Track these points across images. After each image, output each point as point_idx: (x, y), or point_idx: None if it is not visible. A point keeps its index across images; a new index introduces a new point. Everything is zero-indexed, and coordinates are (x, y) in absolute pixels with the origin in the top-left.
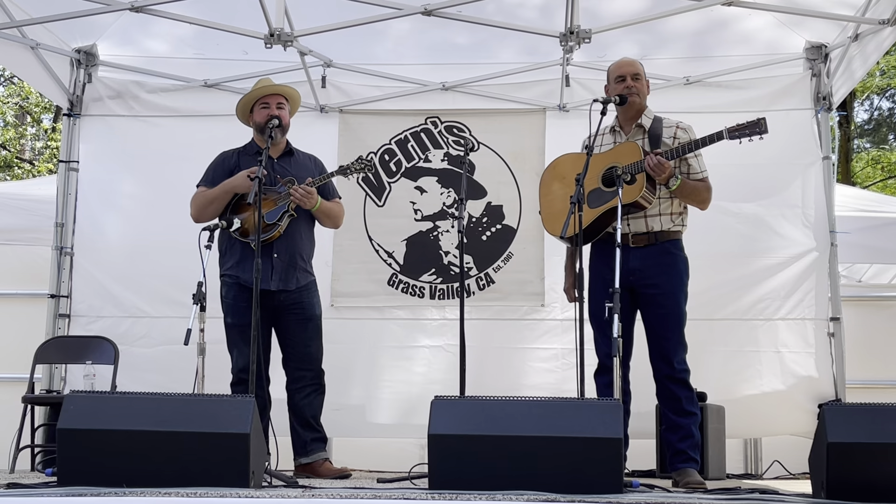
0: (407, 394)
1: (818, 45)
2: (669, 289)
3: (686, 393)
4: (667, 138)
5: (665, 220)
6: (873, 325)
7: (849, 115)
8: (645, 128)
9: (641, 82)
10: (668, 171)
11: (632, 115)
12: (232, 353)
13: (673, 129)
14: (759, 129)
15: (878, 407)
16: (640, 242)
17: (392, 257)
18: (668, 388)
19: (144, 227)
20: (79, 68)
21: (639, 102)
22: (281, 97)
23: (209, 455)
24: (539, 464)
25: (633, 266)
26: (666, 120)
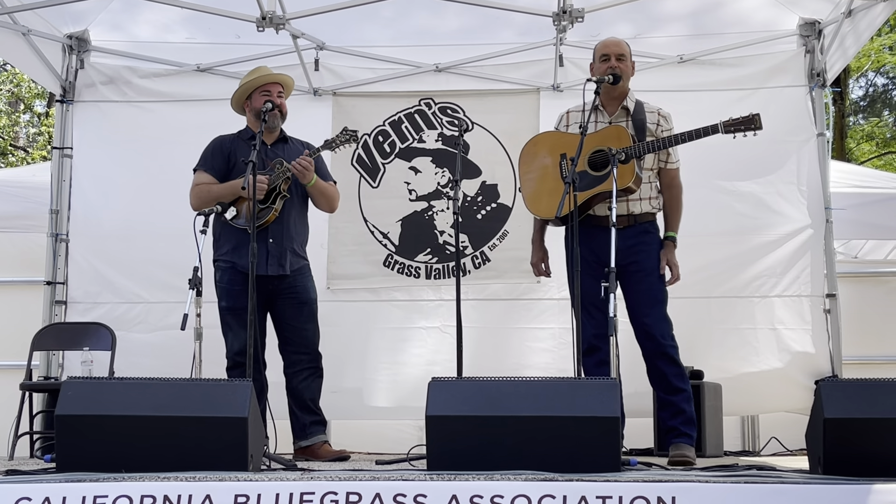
0: (404, 375)
1: (812, 22)
2: (650, 266)
3: (674, 369)
4: (651, 124)
5: (644, 204)
6: (869, 300)
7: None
8: (629, 110)
9: (626, 63)
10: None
11: (615, 95)
12: (227, 338)
13: (655, 114)
14: (753, 125)
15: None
16: (622, 224)
17: (387, 238)
18: (655, 366)
19: (139, 213)
20: (71, 54)
21: (622, 83)
22: (280, 86)
23: (208, 439)
24: (537, 444)
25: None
26: (647, 105)
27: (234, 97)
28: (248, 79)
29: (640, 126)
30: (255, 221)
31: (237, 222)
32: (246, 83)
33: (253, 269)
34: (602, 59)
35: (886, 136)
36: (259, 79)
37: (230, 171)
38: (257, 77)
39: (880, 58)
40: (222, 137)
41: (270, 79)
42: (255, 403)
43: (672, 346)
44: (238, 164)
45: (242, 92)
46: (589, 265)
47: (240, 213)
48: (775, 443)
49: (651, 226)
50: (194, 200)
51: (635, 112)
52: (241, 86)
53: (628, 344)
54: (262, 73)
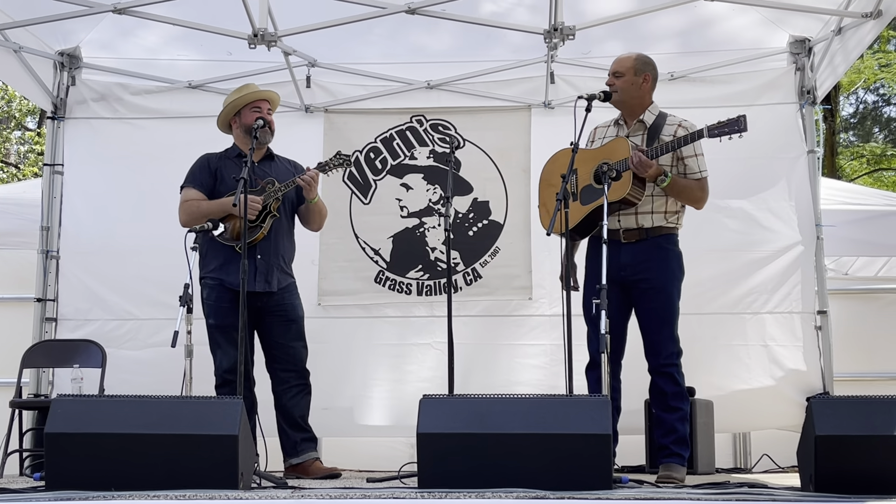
0: (396, 392)
1: (802, 40)
2: (660, 283)
3: (673, 388)
4: (665, 136)
5: (657, 218)
6: (861, 317)
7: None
8: (646, 124)
9: (623, 79)
10: (651, 169)
11: (629, 110)
12: (215, 355)
13: (674, 127)
14: (738, 126)
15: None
16: (632, 238)
17: (378, 255)
18: (655, 383)
19: (130, 230)
20: (62, 71)
21: (617, 99)
22: (268, 102)
23: (198, 457)
24: (528, 461)
25: (624, 261)
26: (670, 117)
27: (220, 114)
28: (237, 95)
29: (654, 138)
30: (245, 238)
31: (224, 238)
32: (235, 99)
33: (244, 287)
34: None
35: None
36: (249, 95)
37: (216, 188)
38: (248, 94)
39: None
40: (209, 155)
41: (261, 95)
42: (246, 421)
43: (675, 364)
44: (225, 181)
45: (231, 108)
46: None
47: (227, 229)
48: (767, 460)
49: (665, 240)
50: (184, 216)
51: (653, 125)
52: (230, 102)
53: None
54: (251, 90)
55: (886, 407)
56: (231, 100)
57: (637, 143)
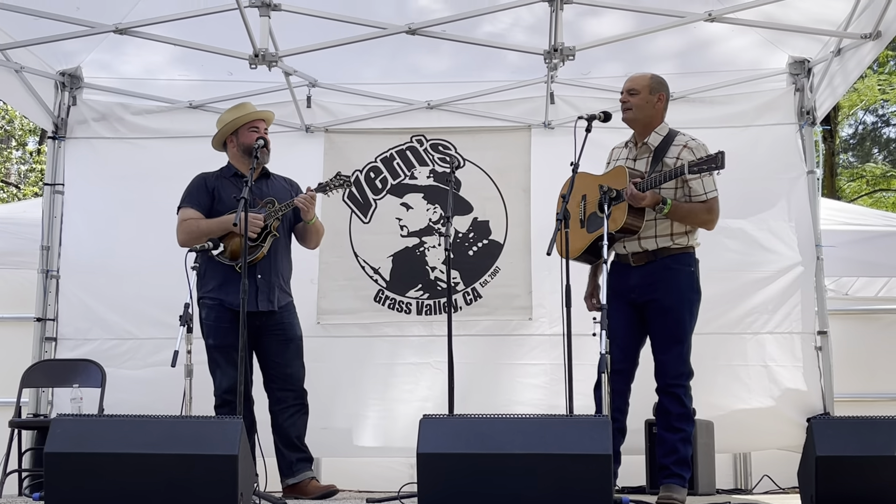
0: (395, 412)
1: (801, 60)
2: (668, 303)
3: (677, 409)
4: (669, 157)
5: (662, 241)
6: (861, 338)
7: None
8: (651, 147)
9: (638, 96)
10: (645, 200)
11: (641, 128)
12: (214, 375)
13: (679, 148)
14: (716, 163)
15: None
16: (640, 261)
17: (378, 273)
18: (660, 402)
19: (130, 249)
20: (63, 91)
21: (631, 117)
22: (263, 121)
23: (198, 477)
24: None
25: (633, 283)
26: (679, 136)
27: (217, 133)
28: (235, 115)
29: (657, 161)
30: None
31: (223, 258)
32: (233, 119)
33: (244, 307)
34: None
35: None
36: (248, 115)
37: (214, 207)
38: (247, 113)
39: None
40: (205, 174)
41: (259, 115)
42: (246, 441)
43: (682, 385)
44: (223, 200)
45: (229, 128)
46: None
47: (226, 248)
48: (767, 481)
49: (674, 261)
50: (182, 236)
51: (658, 147)
52: (227, 122)
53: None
54: (248, 110)
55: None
56: (228, 119)
57: (641, 168)
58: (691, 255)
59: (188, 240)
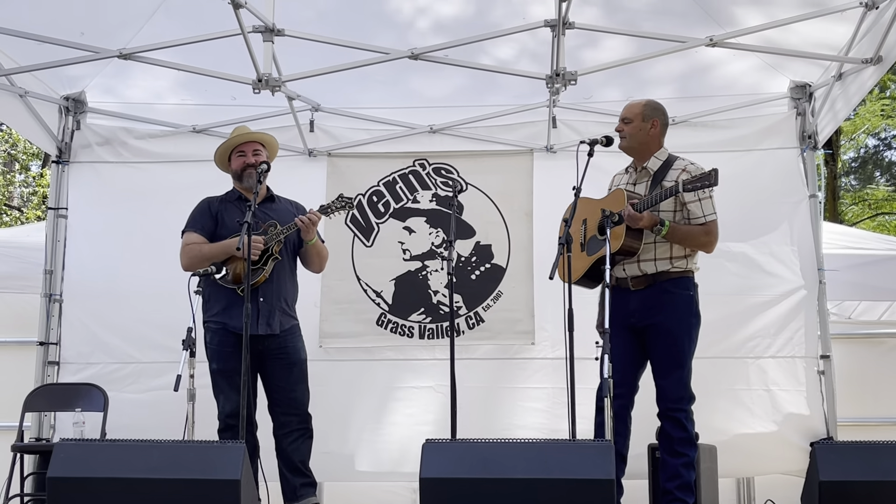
0: (397, 436)
1: (802, 85)
2: (667, 327)
3: (679, 433)
4: (668, 181)
5: (662, 264)
6: (864, 362)
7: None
8: (650, 171)
9: (631, 125)
10: (643, 221)
11: (637, 155)
12: (218, 400)
13: (678, 172)
14: (709, 181)
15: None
16: (640, 285)
17: (381, 297)
18: (662, 427)
19: (134, 273)
20: (67, 115)
21: (625, 145)
22: (257, 144)
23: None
24: None
25: (633, 307)
26: (678, 161)
27: (216, 160)
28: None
29: (656, 185)
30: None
31: (225, 281)
32: (222, 147)
33: (247, 330)
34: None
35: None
36: (233, 140)
37: (217, 231)
38: (231, 138)
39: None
40: (209, 199)
41: (243, 139)
42: (248, 465)
43: (683, 410)
44: (226, 224)
45: (221, 154)
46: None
47: (229, 272)
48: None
49: (673, 285)
50: (185, 260)
51: (657, 172)
52: (219, 149)
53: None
54: (238, 133)
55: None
56: (221, 147)
57: (640, 192)
58: (690, 279)
59: (191, 264)
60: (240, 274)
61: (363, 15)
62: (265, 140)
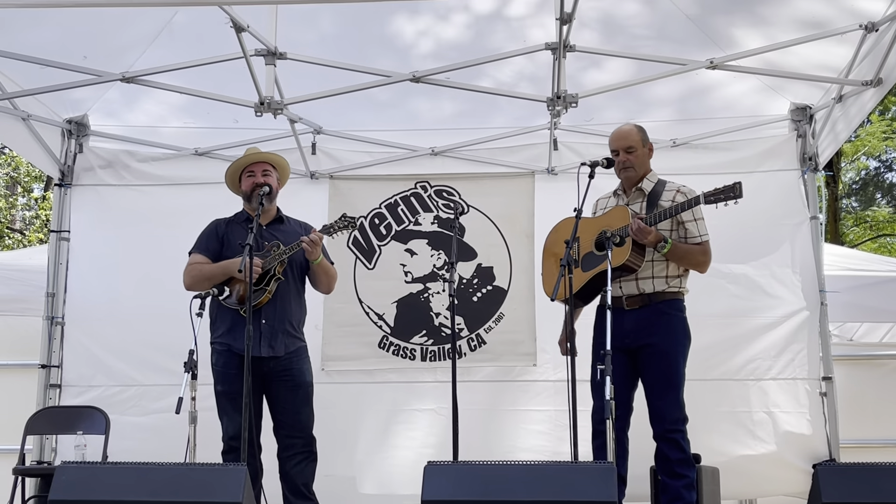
0: (399, 458)
1: (803, 107)
2: (663, 348)
3: (678, 455)
4: (664, 201)
5: (658, 283)
6: (866, 383)
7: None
8: (645, 192)
9: (636, 153)
10: (650, 235)
11: (633, 181)
12: (222, 421)
13: (673, 193)
14: (734, 193)
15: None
16: (634, 304)
17: (382, 319)
18: (660, 449)
19: (135, 296)
20: (70, 139)
21: (634, 175)
22: (267, 165)
23: None
24: None
25: (628, 328)
26: (669, 183)
27: (226, 181)
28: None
29: (653, 205)
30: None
31: (229, 302)
32: (232, 167)
33: (248, 352)
34: (613, 154)
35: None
36: (243, 160)
37: (223, 253)
38: (241, 158)
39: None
40: (218, 220)
41: (252, 159)
42: (250, 489)
43: (680, 431)
44: (232, 245)
45: (231, 175)
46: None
47: (232, 293)
48: None
49: (668, 306)
50: (187, 279)
51: (652, 192)
52: (229, 170)
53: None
54: (248, 154)
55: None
56: (231, 168)
57: (636, 211)
58: (682, 301)
59: (192, 284)
60: (243, 295)
61: (365, 38)
62: (276, 161)
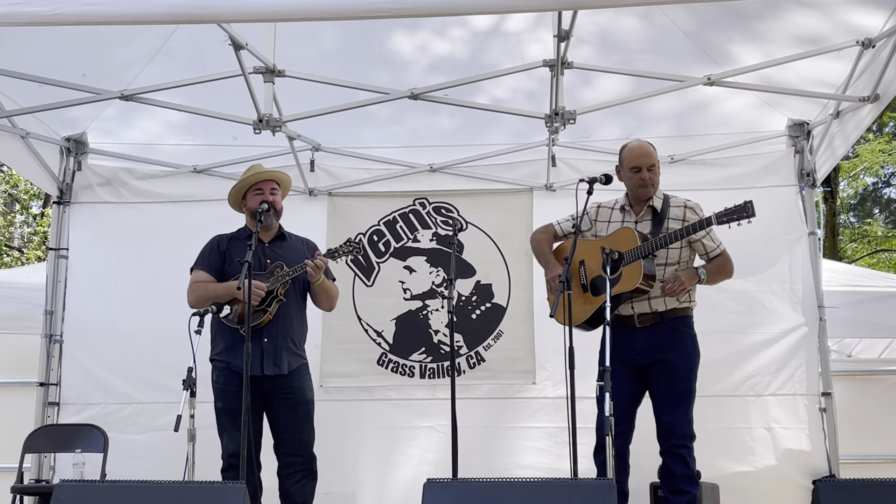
0: (398, 475)
1: (800, 123)
2: (676, 364)
3: (683, 470)
4: (673, 218)
5: (670, 301)
6: (865, 399)
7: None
8: (656, 209)
9: (655, 172)
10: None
11: (645, 198)
12: (222, 439)
13: (681, 209)
14: (746, 212)
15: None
16: (646, 322)
17: (381, 336)
18: (665, 464)
19: (134, 313)
20: (68, 156)
21: (652, 192)
22: (274, 182)
23: None
24: None
25: (640, 345)
26: (674, 199)
27: (230, 198)
28: (243, 178)
29: (660, 223)
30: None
31: (229, 320)
32: (239, 184)
33: (247, 370)
34: (633, 170)
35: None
36: (251, 177)
37: (224, 269)
38: (249, 176)
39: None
40: (220, 236)
41: (262, 177)
42: None
43: (686, 447)
44: (233, 262)
45: (237, 192)
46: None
47: (233, 311)
48: None
49: (680, 322)
50: (191, 297)
51: (661, 209)
52: (235, 186)
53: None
54: (255, 172)
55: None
56: (239, 183)
57: (643, 230)
58: (691, 317)
59: (196, 302)
60: (243, 314)
61: (363, 54)
62: (280, 179)
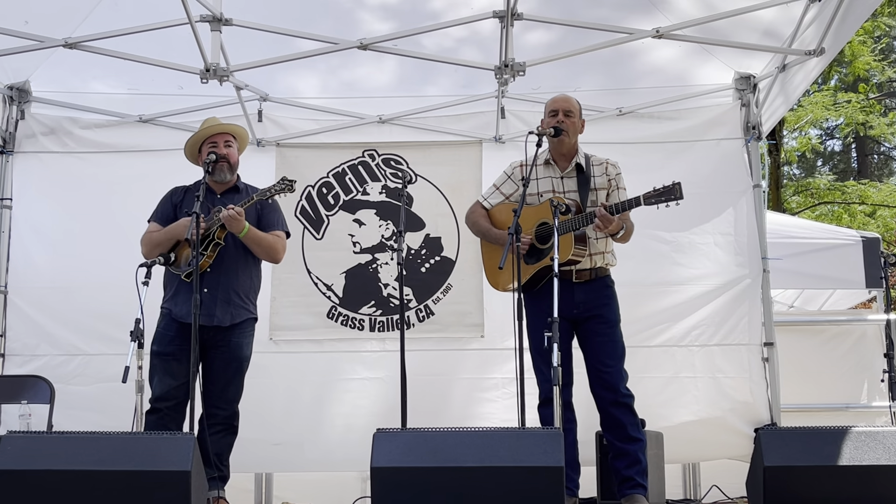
0: (348, 426)
1: (747, 76)
2: (612, 319)
3: (631, 419)
4: (597, 175)
5: (598, 259)
6: (806, 349)
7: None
8: (582, 166)
9: (573, 119)
10: (612, 225)
11: (564, 151)
12: (151, 381)
13: (603, 166)
14: (674, 194)
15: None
16: (584, 277)
17: (331, 290)
18: (612, 416)
19: (79, 264)
20: (11, 105)
21: (567, 141)
22: (228, 135)
23: (150, 493)
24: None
25: (578, 299)
26: (594, 157)
27: (186, 150)
28: (198, 131)
29: (586, 181)
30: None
31: (178, 269)
32: (194, 136)
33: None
34: (550, 114)
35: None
36: (206, 130)
37: (176, 220)
38: (204, 129)
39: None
40: (176, 188)
41: (216, 129)
42: (199, 457)
43: (630, 395)
44: (184, 214)
45: (193, 144)
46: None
47: (178, 258)
48: (716, 491)
49: (609, 280)
50: (143, 249)
51: (586, 166)
52: (191, 138)
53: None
54: (210, 125)
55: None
56: (193, 136)
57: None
58: None
59: (147, 253)
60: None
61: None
62: (236, 132)
